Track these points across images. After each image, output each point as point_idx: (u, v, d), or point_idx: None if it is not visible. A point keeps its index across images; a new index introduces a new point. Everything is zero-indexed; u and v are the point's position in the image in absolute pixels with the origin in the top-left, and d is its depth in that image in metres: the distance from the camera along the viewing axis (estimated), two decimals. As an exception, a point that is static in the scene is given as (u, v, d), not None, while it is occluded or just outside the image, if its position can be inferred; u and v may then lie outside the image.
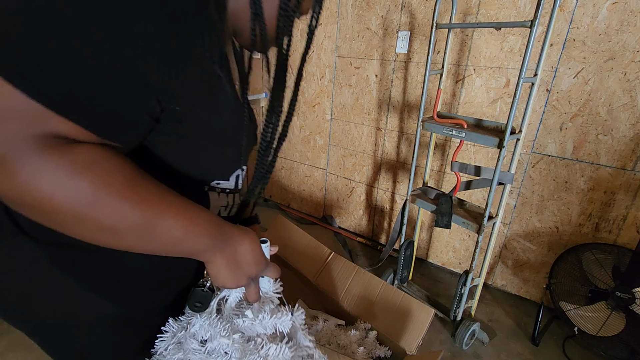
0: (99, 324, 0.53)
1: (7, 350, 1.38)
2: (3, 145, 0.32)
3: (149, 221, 0.39)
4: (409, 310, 1.22)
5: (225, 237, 0.47)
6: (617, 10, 1.31)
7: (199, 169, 0.52)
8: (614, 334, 1.35)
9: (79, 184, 0.34)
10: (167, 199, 0.41)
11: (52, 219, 0.36)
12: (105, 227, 0.37)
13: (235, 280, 0.50)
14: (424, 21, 1.72)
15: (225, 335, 0.53)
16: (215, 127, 0.49)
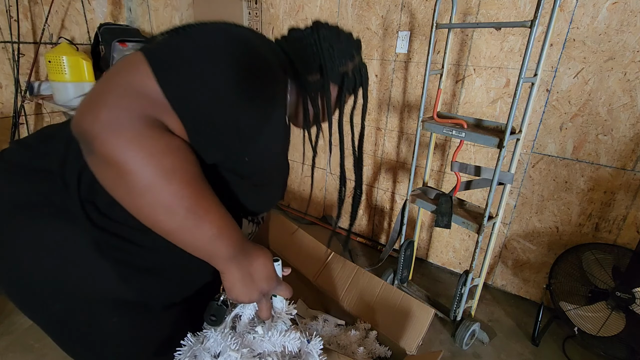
0: (118, 310, 0.57)
1: (7, 350, 1.38)
2: (127, 111, 0.41)
3: (197, 211, 0.46)
4: (409, 310, 1.22)
5: (245, 251, 0.53)
6: (617, 10, 1.31)
7: (251, 204, 0.61)
8: (614, 334, 1.35)
9: (163, 161, 0.42)
10: (215, 203, 0.49)
11: (125, 184, 0.42)
12: (163, 204, 0.44)
13: (248, 294, 0.55)
14: (424, 21, 1.72)
15: (235, 348, 0.55)
16: (272, 174, 0.63)
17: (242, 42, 0.50)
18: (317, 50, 0.65)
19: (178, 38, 0.48)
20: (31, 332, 1.46)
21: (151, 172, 0.42)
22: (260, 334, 0.58)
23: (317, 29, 0.66)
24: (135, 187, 0.42)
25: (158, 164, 0.42)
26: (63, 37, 2.13)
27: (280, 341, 0.59)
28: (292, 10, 2.14)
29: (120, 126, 0.40)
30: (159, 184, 0.42)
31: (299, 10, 2.11)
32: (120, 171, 0.41)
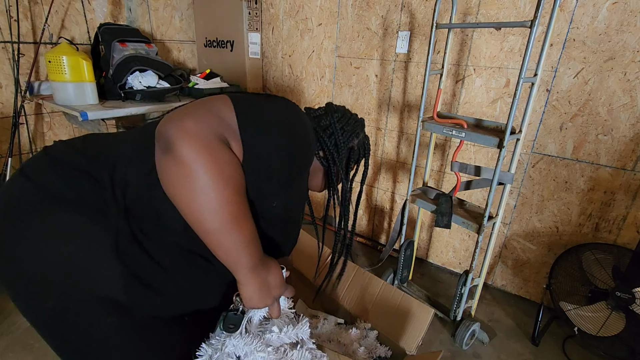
0: (109, 310, 0.58)
1: (7, 350, 1.38)
2: (207, 125, 0.51)
3: (238, 218, 0.54)
4: (409, 310, 1.22)
5: (263, 263, 0.61)
6: (617, 10, 1.31)
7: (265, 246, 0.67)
8: (614, 334, 1.35)
9: (224, 170, 0.51)
10: (250, 218, 0.57)
11: (188, 184, 0.49)
12: (213, 205, 0.51)
13: (265, 301, 0.63)
14: (424, 21, 1.72)
15: (261, 349, 0.62)
16: (289, 225, 0.73)
17: (300, 119, 0.67)
18: (333, 131, 0.79)
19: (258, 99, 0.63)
20: (31, 332, 1.45)
21: (213, 176, 0.50)
22: (276, 332, 0.66)
23: (330, 112, 0.82)
24: (196, 185, 0.49)
25: (221, 170, 0.50)
26: (63, 37, 2.13)
27: (294, 333, 0.68)
28: (292, 10, 2.14)
29: (199, 134, 0.49)
30: (216, 187, 0.50)
31: (299, 10, 2.11)
32: (188, 170, 0.49)
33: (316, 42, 2.12)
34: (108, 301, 0.57)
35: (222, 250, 0.55)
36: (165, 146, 0.50)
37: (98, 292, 0.56)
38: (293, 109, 0.67)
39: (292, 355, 0.65)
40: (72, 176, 0.57)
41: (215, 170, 0.50)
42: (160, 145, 0.51)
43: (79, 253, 0.54)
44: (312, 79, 2.24)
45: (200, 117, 0.51)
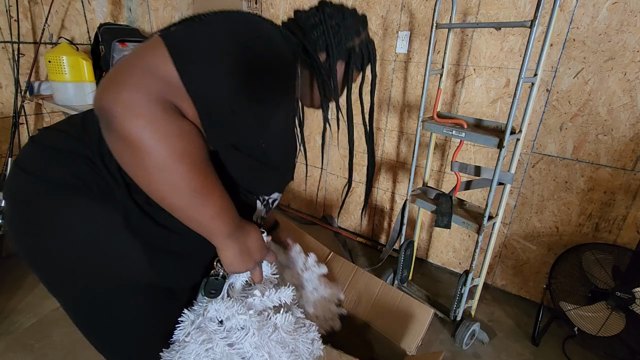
0: (142, 292, 0.60)
1: (7, 350, 1.38)
2: (142, 93, 0.43)
3: (202, 191, 0.50)
4: (409, 310, 1.22)
5: (241, 227, 0.59)
6: (617, 10, 1.31)
7: (264, 185, 0.66)
8: (614, 334, 1.35)
9: (176, 143, 0.46)
10: (218, 186, 0.53)
11: (140, 162, 0.46)
12: (173, 182, 0.48)
13: (246, 265, 0.61)
14: (424, 21, 1.72)
15: (242, 312, 0.62)
16: (285, 156, 0.67)
17: (256, 30, 0.53)
18: (323, 28, 0.67)
19: (196, 25, 0.49)
20: (31, 332, 1.46)
21: (164, 154, 0.45)
22: (258, 296, 0.66)
23: (322, 8, 0.70)
24: (148, 166, 0.46)
25: (171, 146, 0.45)
26: (63, 37, 2.13)
27: (277, 297, 0.67)
28: (292, 10, 2.14)
29: (139, 108, 0.43)
30: (170, 164, 0.46)
31: (299, 10, 2.11)
32: (135, 150, 0.44)
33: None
34: (135, 283, 0.58)
35: (194, 224, 0.54)
36: (106, 124, 0.45)
37: (125, 274, 0.57)
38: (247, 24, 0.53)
39: (275, 318, 0.64)
40: (68, 161, 0.55)
41: (165, 147, 0.45)
42: (101, 121, 0.46)
43: (98, 238, 0.54)
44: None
45: (136, 84, 0.43)
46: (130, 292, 0.59)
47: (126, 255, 0.56)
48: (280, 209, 2.70)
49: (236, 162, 0.60)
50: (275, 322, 0.64)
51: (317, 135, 2.33)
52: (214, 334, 0.60)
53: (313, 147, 2.39)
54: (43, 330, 1.46)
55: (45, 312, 1.55)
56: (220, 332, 0.60)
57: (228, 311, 0.61)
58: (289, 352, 0.62)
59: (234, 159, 0.60)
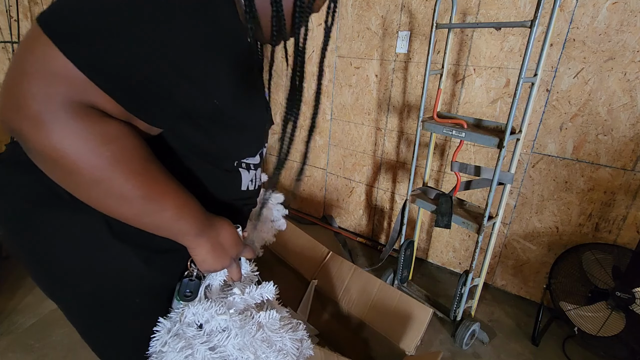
0: (143, 293, 0.59)
1: (7, 350, 1.38)
2: (44, 104, 0.36)
3: (153, 196, 0.45)
4: (408, 310, 1.22)
5: (210, 223, 0.54)
6: (617, 10, 1.31)
7: (235, 150, 0.61)
8: (614, 334, 1.34)
9: (103, 153, 0.39)
10: (170, 184, 0.48)
11: (71, 179, 0.41)
12: (114, 194, 0.42)
13: (221, 262, 0.57)
14: (424, 21, 1.72)
15: (222, 312, 0.58)
16: (249, 115, 0.58)
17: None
18: None
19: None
20: (31, 332, 1.46)
21: (94, 166, 0.39)
22: (238, 294, 0.62)
23: None
24: (81, 182, 0.41)
25: (98, 156, 0.39)
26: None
27: (258, 294, 0.63)
28: (292, 10, 2.14)
29: (48, 122, 0.36)
30: (105, 177, 0.40)
31: (299, 10, 2.11)
32: (61, 168, 0.39)
33: (316, 42, 2.12)
34: (136, 284, 0.58)
35: (155, 230, 0.49)
36: (17, 137, 0.39)
37: (124, 280, 0.56)
38: None
39: (258, 316, 0.60)
40: (32, 174, 0.49)
41: (92, 160, 0.39)
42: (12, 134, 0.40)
43: (87, 254, 0.53)
44: (312, 78, 2.24)
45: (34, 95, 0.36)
46: (133, 297, 0.58)
47: (120, 262, 0.55)
48: (280, 209, 2.70)
49: (198, 136, 0.53)
50: (259, 321, 0.60)
51: (317, 134, 2.34)
52: (193, 339, 0.56)
53: (313, 147, 2.39)
54: (43, 330, 1.47)
55: (45, 312, 1.55)
56: (200, 337, 0.57)
57: (207, 313, 0.57)
58: (276, 351, 0.59)
59: (193, 133, 0.53)
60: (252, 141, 0.64)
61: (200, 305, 0.58)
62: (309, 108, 2.32)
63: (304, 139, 0.61)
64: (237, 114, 0.54)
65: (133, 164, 0.42)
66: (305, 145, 0.61)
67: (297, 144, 2.00)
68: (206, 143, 0.55)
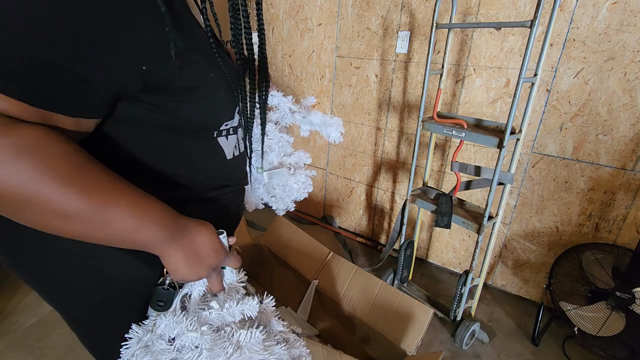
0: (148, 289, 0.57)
1: (7, 350, 1.38)
2: None
3: (97, 208, 0.38)
4: (408, 310, 1.22)
5: (182, 228, 0.47)
6: (617, 10, 1.31)
7: (206, 117, 0.54)
8: (614, 334, 1.35)
9: (22, 167, 0.33)
10: (118, 188, 0.41)
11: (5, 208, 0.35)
12: (51, 212, 0.36)
13: (196, 272, 0.50)
14: (424, 21, 1.72)
15: (193, 329, 0.52)
16: (200, 75, 0.49)
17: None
18: None
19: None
20: (31, 332, 1.46)
21: (12, 186, 0.34)
22: (216, 309, 0.56)
23: None
24: (8, 205, 0.35)
25: (15, 173, 0.33)
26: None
27: (239, 310, 0.57)
28: (292, 10, 2.14)
29: None
30: (30, 194, 0.34)
31: (299, 10, 2.11)
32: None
33: (316, 42, 2.12)
34: (143, 287, 0.57)
35: (116, 244, 0.43)
36: None
37: (129, 284, 0.56)
38: None
39: (238, 335, 0.54)
40: None
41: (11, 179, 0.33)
42: None
43: (94, 261, 0.52)
44: (312, 79, 2.24)
45: None
46: (141, 299, 0.57)
47: (125, 267, 0.54)
48: (280, 209, 2.70)
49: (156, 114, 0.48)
50: (238, 340, 0.54)
51: (317, 135, 2.34)
52: (161, 354, 0.51)
53: (313, 147, 2.39)
54: (43, 330, 1.46)
55: (45, 312, 1.55)
56: (169, 352, 0.51)
57: (178, 327, 0.52)
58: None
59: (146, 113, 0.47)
60: (221, 102, 0.56)
61: (172, 317, 0.53)
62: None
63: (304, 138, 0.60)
64: (182, 76, 0.46)
65: (64, 173, 0.36)
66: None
67: (297, 144, 2.01)
68: (170, 119, 0.49)
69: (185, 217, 0.49)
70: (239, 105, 0.61)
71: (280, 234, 1.62)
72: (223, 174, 0.63)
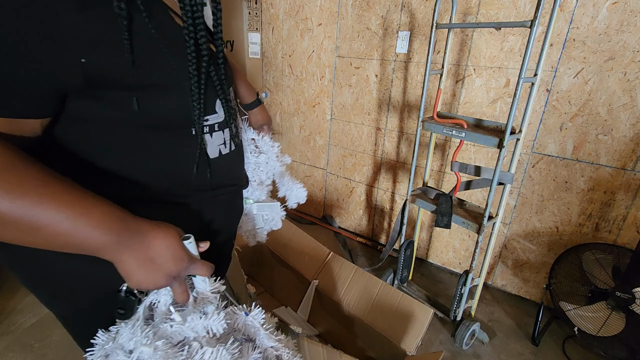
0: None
1: (7, 350, 1.38)
2: None
3: (22, 210, 0.36)
4: (408, 311, 1.22)
5: (133, 232, 0.44)
6: (617, 10, 1.31)
7: (175, 114, 0.50)
8: (614, 334, 1.34)
9: None
10: (50, 188, 0.38)
11: None
12: None
13: (152, 281, 0.46)
14: (424, 21, 1.72)
15: (146, 342, 0.47)
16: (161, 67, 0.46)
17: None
18: None
19: None
20: (31, 332, 1.46)
21: None
22: (177, 321, 0.51)
23: None
24: None
25: None
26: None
27: (203, 325, 0.51)
28: (292, 10, 2.14)
29: None
30: None
31: (299, 10, 2.11)
32: None
33: (316, 42, 2.12)
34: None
35: (57, 248, 0.40)
36: None
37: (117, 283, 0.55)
38: None
39: (202, 353, 0.49)
40: None
41: None
42: None
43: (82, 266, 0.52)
44: (312, 79, 2.24)
45: None
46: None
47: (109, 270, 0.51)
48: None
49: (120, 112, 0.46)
50: (202, 359, 0.49)
51: (317, 134, 2.34)
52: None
53: (313, 147, 2.39)
54: (43, 330, 1.47)
55: (45, 312, 1.55)
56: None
57: (133, 339, 0.48)
58: None
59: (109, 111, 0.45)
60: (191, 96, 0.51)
61: (130, 327, 0.49)
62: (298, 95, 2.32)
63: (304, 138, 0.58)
64: (141, 69, 0.44)
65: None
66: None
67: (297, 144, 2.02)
68: (136, 115, 0.46)
69: (142, 220, 0.45)
70: (221, 99, 0.58)
71: (280, 234, 1.62)
72: (206, 174, 0.59)
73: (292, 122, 2.43)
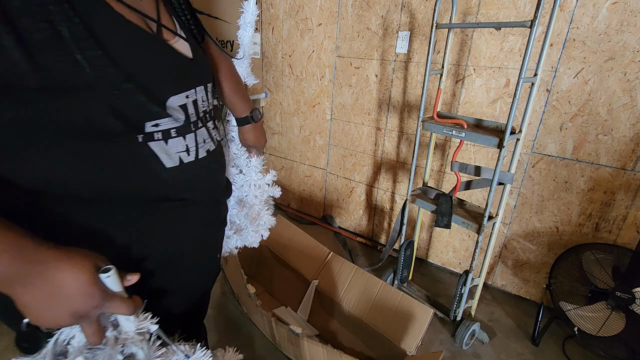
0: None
1: (7, 350, 1.38)
2: None
3: None
4: (408, 311, 1.22)
5: (30, 263, 0.38)
6: (617, 10, 1.31)
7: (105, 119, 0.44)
8: (614, 334, 1.34)
9: None
10: None
11: None
12: None
13: (52, 318, 0.40)
14: (424, 21, 1.72)
15: None
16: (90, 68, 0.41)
17: None
18: None
19: None
20: (31, 332, 1.46)
21: None
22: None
23: None
24: None
25: None
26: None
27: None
28: (292, 10, 2.14)
29: None
30: None
31: (299, 10, 2.11)
32: None
33: (316, 42, 2.12)
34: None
35: None
36: None
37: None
38: None
39: None
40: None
41: None
42: None
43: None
44: (312, 79, 2.24)
45: None
46: None
47: None
48: (280, 209, 2.70)
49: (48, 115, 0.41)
50: None
51: (317, 134, 2.34)
52: None
53: (313, 147, 2.39)
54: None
55: (45, 312, 1.55)
56: None
57: None
58: None
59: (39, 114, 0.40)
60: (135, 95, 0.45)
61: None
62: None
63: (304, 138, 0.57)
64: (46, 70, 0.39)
65: None
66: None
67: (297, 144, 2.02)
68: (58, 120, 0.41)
69: (51, 249, 0.39)
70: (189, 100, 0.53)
71: (280, 234, 1.62)
72: (158, 185, 0.52)
73: (292, 122, 2.43)
